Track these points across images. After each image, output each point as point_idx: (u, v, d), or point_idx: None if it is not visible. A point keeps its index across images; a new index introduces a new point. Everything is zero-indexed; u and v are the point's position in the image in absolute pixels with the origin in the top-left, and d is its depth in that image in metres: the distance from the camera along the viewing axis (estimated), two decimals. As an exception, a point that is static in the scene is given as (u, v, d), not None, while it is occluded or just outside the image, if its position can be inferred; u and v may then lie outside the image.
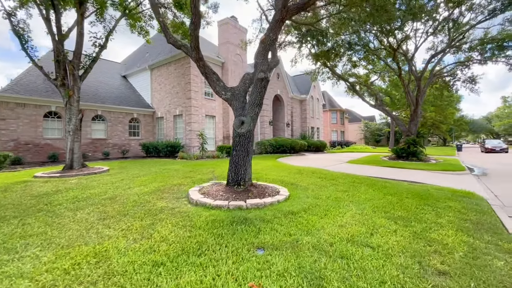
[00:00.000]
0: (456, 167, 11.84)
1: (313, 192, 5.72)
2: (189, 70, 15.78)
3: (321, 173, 8.33)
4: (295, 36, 17.17)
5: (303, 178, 7.42)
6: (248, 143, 5.31)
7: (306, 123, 28.48)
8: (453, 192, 6.29)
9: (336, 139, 38.95)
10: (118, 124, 16.50)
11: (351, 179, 7.43)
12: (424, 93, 17.10)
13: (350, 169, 10.86)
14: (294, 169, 9.28)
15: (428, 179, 8.64)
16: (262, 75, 5.21)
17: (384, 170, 10.63)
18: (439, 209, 4.66)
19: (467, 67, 19.79)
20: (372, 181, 7.20)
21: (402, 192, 5.86)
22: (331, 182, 6.90)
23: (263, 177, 7.35)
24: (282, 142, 18.53)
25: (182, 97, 16.30)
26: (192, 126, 15.73)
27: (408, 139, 15.18)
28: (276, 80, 23.28)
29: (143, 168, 9.65)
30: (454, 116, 43.51)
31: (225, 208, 4.39)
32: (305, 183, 6.68)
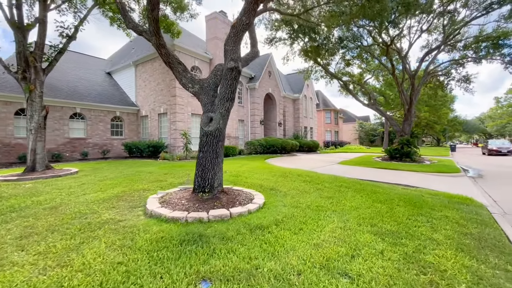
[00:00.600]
0: (451, 169, 11.31)
1: (292, 199, 5.03)
2: (174, 66, 14.98)
3: (308, 176, 7.67)
4: (286, 32, 16.57)
5: (286, 182, 6.74)
6: (218, 143, 4.60)
7: (299, 123, 27.87)
8: (450, 197, 5.68)
9: (330, 139, 38.45)
10: (99, 123, 15.63)
11: (338, 183, 6.78)
12: (418, 92, 16.60)
13: (340, 171, 10.24)
14: (279, 171, 8.61)
15: (422, 182, 8.05)
16: (232, 64, 4.51)
17: (376, 172, 10.03)
18: (434, 220, 4.02)
19: (461, 65, 19.41)
20: (361, 185, 6.55)
21: (393, 199, 5.21)
22: (316, 186, 6.24)
23: (241, 181, 6.65)
24: (273, 142, 17.87)
25: (167, 94, 15.51)
26: (176, 125, 14.96)
27: (402, 139, 14.64)
28: (268, 78, 22.60)
29: (116, 170, 8.87)
30: (448, 116, 43.42)
31: (182, 221, 3.68)
32: (286, 188, 6.00)
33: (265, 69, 21.75)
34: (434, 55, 16.91)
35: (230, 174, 7.70)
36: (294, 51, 19.20)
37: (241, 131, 20.47)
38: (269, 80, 22.72)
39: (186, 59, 15.63)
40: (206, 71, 17.07)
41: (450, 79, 20.76)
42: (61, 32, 8.40)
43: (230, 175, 7.61)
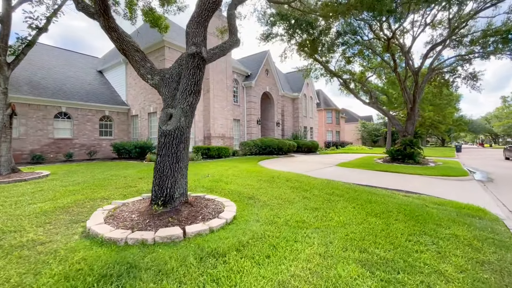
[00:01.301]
0: (458, 172, 10.43)
1: (271, 211, 4.25)
2: (164, 62, 14.29)
3: (297, 181, 6.88)
4: (283, 28, 15.78)
5: (270, 188, 5.95)
6: (179, 144, 3.84)
7: (299, 123, 27.03)
8: (458, 208, 4.86)
9: (331, 140, 37.52)
10: (87, 123, 14.98)
11: (330, 189, 5.97)
12: (422, 89, 15.71)
13: (336, 174, 9.42)
14: (268, 175, 7.82)
15: (426, 187, 7.22)
16: (193, 49, 3.74)
17: (376, 176, 9.19)
18: (441, 242, 3.21)
19: (468, 62, 18.47)
20: (356, 193, 5.74)
21: (391, 211, 4.40)
22: (303, 194, 5.44)
23: (220, 188, 5.88)
24: (269, 142, 17.08)
25: (156, 92, 14.78)
26: (166, 124, 14.23)
27: (404, 140, 13.76)
28: (265, 76, 21.82)
29: (90, 174, 8.16)
30: (453, 116, 42.21)
31: (120, 244, 2.93)
32: (268, 196, 5.22)
33: (262, 67, 20.97)
34: (439, 51, 15.98)
35: (211, 179, 6.94)
36: (292, 48, 18.47)
37: (236, 131, 19.71)
38: (266, 78, 21.94)
39: (176, 56, 14.90)
40: (198, 69, 16.34)
41: (456, 77, 19.80)
42: (30, 24, 7.72)
43: (211, 180, 6.85)
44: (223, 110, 17.25)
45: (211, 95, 16.27)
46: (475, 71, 18.98)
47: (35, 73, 14.35)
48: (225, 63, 17.50)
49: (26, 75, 13.71)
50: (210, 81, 16.28)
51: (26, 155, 12.48)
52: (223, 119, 17.25)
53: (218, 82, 16.85)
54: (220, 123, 16.97)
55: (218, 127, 16.81)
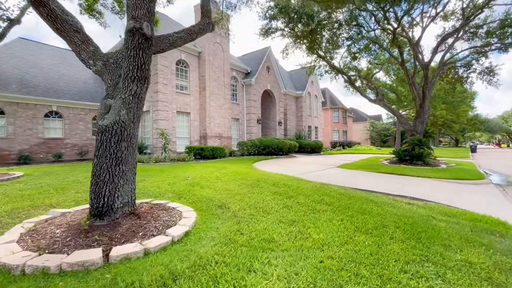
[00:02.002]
0: (473, 174, 9.37)
1: (236, 225, 3.48)
2: (156, 59, 13.73)
3: (285, 186, 6.07)
4: (282, 21, 14.97)
5: (250, 194, 5.18)
6: (119, 143, 3.12)
7: (302, 122, 26.09)
8: (473, 221, 3.96)
9: (337, 139, 36.31)
10: (79, 122, 14.58)
11: (319, 195, 5.14)
12: (432, 85, 14.55)
13: (334, 176, 8.55)
14: (254, 178, 7.04)
15: (434, 192, 6.28)
16: (131, 24, 3.01)
17: (379, 179, 8.27)
18: (449, 273, 2.37)
19: (483, 55, 17.16)
20: (349, 200, 4.90)
21: (387, 226, 3.56)
22: (285, 202, 4.64)
23: (191, 193, 5.14)
24: (268, 142, 16.28)
25: (149, 90, 14.24)
26: (159, 123, 13.66)
27: (413, 139, 12.70)
28: (266, 74, 21.02)
29: (65, 175, 7.60)
30: (467, 114, 40.16)
31: (16, 272, 2.23)
32: (242, 204, 4.44)
33: (262, 64, 20.18)
34: (451, 43, 14.79)
35: (187, 183, 6.22)
36: (294, 44, 17.64)
37: (235, 131, 19.00)
38: (267, 75, 21.14)
39: (171, 52, 14.33)
40: (194, 66, 15.73)
41: (470, 71, 18.49)
42: (0, 15, 7.23)
43: (188, 183, 6.13)
44: (220, 109, 16.57)
45: (207, 93, 15.61)
46: (491, 65, 17.63)
47: (27, 71, 14.04)
48: (222, 59, 16.82)
49: (17, 74, 13.41)
50: (206, 79, 15.63)
51: (14, 155, 12.14)
52: (220, 118, 16.57)
53: (215, 79, 16.18)
54: (217, 122, 16.29)
55: (215, 126, 16.13)
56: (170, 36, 4.23)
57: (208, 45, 15.83)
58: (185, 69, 15.36)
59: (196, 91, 15.82)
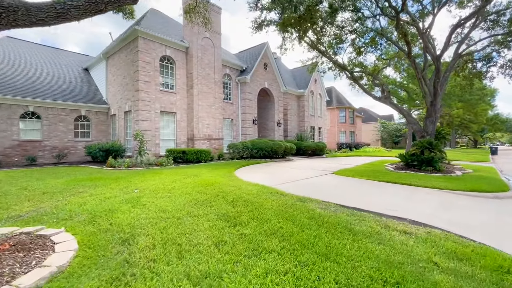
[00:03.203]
0: (494, 184, 7.74)
1: (111, 285, 2.22)
2: (137, 55, 12.72)
3: (245, 204, 4.76)
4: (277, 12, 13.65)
5: (187, 218, 3.91)
6: None
7: (304, 122, 24.57)
8: (497, 272, 2.56)
9: (344, 141, 34.47)
10: (59, 123, 13.78)
11: (278, 221, 3.81)
12: (445, 80, 12.81)
13: (322, 187, 7.15)
14: (216, 191, 5.77)
15: (444, 212, 4.82)
16: None
17: (375, 191, 6.81)
18: None
19: (506, 46, 15.21)
20: (317, 230, 3.54)
21: (358, 286, 2.21)
22: (225, 233, 3.33)
23: (110, 215, 3.94)
24: (261, 144, 14.96)
25: (131, 89, 13.28)
26: (140, 124, 12.63)
27: (422, 142, 11.06)
28: (263, 71, 19.70)
29: (12, 183, 6.60)
30: (487, 113, 37.27)
31: None
32: (161, 237, 3.17)
33: (259, 60, 18.89)
34: (467, 32, 12.98)
35: (127, 198, 5.02)
36: (292, 38, 16.29)
37: (228, 132, 17.79)
38: (265, 73, 19.82)
39: (154, 48, 13.30)
40: (181, 62, 14.63)
41: (490, 65, 16.52)
42: None
43: (124, 199, 4.92)
44: (210, 108, 15.40)
45: (194, 92, 14.47)
46: (515, 58, 15.66)
47: (5, 70, 13.39)
48: (212, 55, 15.65)
49: (-7, 72, 12.76)
50: (194, 76, 14.50)
51: (-15, 158, 11.43)
52: (210, 118, 15.40)
53: (204, 77, 15.03)
54: (207, 122, 15.13)
55: (204, 127, 14.98)
56: (57, 4, 3.03)
57: (196, 40, 14.71)
58: (170, 65, 14.29)
59: (184, 90, 14.72)
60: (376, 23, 16.15)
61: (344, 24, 16.46)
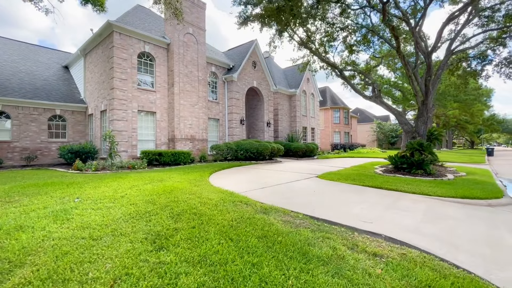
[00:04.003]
0: (487, 190, 7.09)
1: None
2: (112, 51, 11.98)
3: (193, 216, 4.06)
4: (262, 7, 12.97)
5: (107, 241, 3.20)
6: None
7: (296, 123, 23.90)
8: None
9: (339, 141, 33.82)
10: (31, 123, 13.00)
11: (220, 239, 3.10)
12: (438, 78, 12.18)
13: (298, 193, 6.44)
14: (168, 200, 5.06)
15: (428, 224, 4.13)
16: None
17: (356, 198, 6.12)
18: None
19: (501, 44, 14.65)
20: (259, 257, 2.84)
21: None
22: (137, 262, 2.62)
23: (5, 238, 3.21)
24: (247, 145, 14.24)
25: (107, 87, 12.53)
26: (115, 124, 11.89)
27: (412, 143, 10.40)
28: (252, 70, 19.01)
29: None
30: (483, 114, 36.77)
31: None
32: (65, 264, 2.46)
33: (247, 58, 18.20)
34: (460, 28, 12.37)
35: (51, 211, 4.30)
36: (273, 33, 15.60)
37: (214, 133, 17.06)
38: (253, 71, 19.13)
39: (132, 44, 12.57)
40: (161, 59, 13.90)
41: (485, 63, 15.96)
42: None
43: (48, 213, 4.20)
44: (194, 108, 14.67)
45: (175, 90, 13.74)
46: (511, 56, 15.13)
47: (-28, 67, 12.64)
48: (196, 52, 14.93)
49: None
50: (175, 73, 13.77)
51: None
52: (193, 118, 14.67)
53: (186, 75, 14.30)
54: (189, 122, 14.40)
55: (186, 127, 14.24)
56: None
57: (178, 36, 13.98)
58: (150, 62, 13.56)
59: (164, 88, 13.99)
60: (367, 20, 15.57)
61: (334, 21, 15.88)
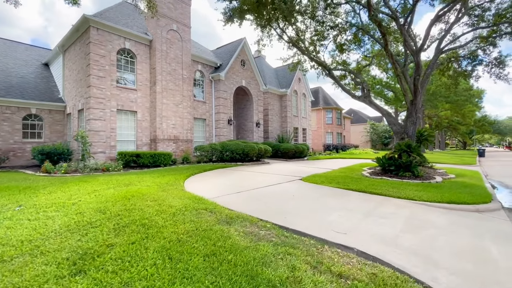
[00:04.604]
0: (475, 193, 6.74)
1: None
2: (89, 47, 11.39)
3: (140, 227, 3.58)
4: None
5: (18, 262, 2.70)
6: None
7: (287, 123, 23.49)
8: None
9: (331, 142, 33.54)
10: (3, 122, 12.32)
11: (158, 258, 2.62)
12: (427, 77, 11.87)
13: (274, 198, 5.98)
14: (120, 209, 4.56)
15: (407, 235, 3.70)
16: None
17: (335, 203, 5.68)
18: None
19: (491, 44, 14.46)
20: (209, 268, 2.36)
21: None
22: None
23: None
24: (232, 146, 13.76)
25: (84, 85, 11.94)
26: (92, 124, 11.30)
27: (400, 144, 10.05)
28: (241, 69, 18.54)
29: None
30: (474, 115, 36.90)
31: None
32: None
33: (235, 56, 17.72)
34: (449, 27, 12.10)
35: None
36: (271, 34, 15.22)
37: (200, 133, 16.53)
38: (242, 70, 18.66)
39: (111, 40, 11.99)
40: (143, 57, 13.34)
41: (476, 63, 15.77)
42: None
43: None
44: (177, 107, 14.13)
45: (157, 88, 13.19)
46: (501, 56, 14.95)
47: None
48: (180, 50, 14.40)
49: None
50: (157, 71, 13.22)
51: None
52: (177, 118, 14.13)
53: (169, 72, 13.76)
54: (172, 122, 13.85)
55: (169, 127, 13.70)
56: None
57: (161, 32, 13.44)
58: (131, 60, 12.99)
59: (146, 86, 13.43)
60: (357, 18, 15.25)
61: (324, 19, 15.56)
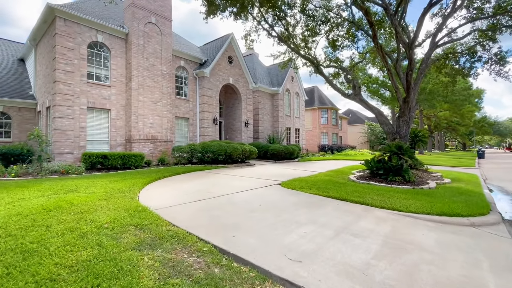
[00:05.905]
0: (472, 203, 5.86)
1: None
2: (55, 39, 10.52)
3: (20, 253, 2.69)
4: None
5: None
6: None
7: (279, 123, 22.61)
8: None
9: (327, 143, 32.64)
10: (-35, 121, 11.49)
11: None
12: (422, 72, 11.02)
13: (237, 208, 5.11)
14: (22, 226, 3.69)
15: (383, 260, 2.78)
16: None
17: (306, 217, 4.79)
18: None
19: (491, 39, 13.64)
20: None
21: None
22: None
23: None
24: (214, 147, 12.88)
25: (48, 80, 11.08)
26: (57, 122, 10.43)
27: (390, 146, 9.17)
28: (228, 65, 17.67)
29: None
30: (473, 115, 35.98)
31: None
32: None
33: (221, 52, 16.86)
34: (445, 18, 11.23)
35: None
36: (258, 28, 14.42)
37: (183, 133, 15.66)
38: (229, 67, 17.79)
39: (80, 32, 11.13)
40: (118, 51, 12.47)
41: (474, 60, 14.90)
42: None
43: None
44: (156, 105, 13.26)
45: (133, 85, 12.33)
46: (501, 52, 14.10)
47: None
48: (160, 44, 13.52)
49: None
50: (133, 66, 12.35)
51: None
52: (156, 116, 13.26)
53: (146, 68, 12.90)
54: (150, 121, 12.98)
55: (146, 126, 12.82)
56: None
57: (138, 25, 12.57)
58: (104, 54, 12.12)
59: (122, 83, 12.56)
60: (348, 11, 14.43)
61: (315, 13, 14.80)
